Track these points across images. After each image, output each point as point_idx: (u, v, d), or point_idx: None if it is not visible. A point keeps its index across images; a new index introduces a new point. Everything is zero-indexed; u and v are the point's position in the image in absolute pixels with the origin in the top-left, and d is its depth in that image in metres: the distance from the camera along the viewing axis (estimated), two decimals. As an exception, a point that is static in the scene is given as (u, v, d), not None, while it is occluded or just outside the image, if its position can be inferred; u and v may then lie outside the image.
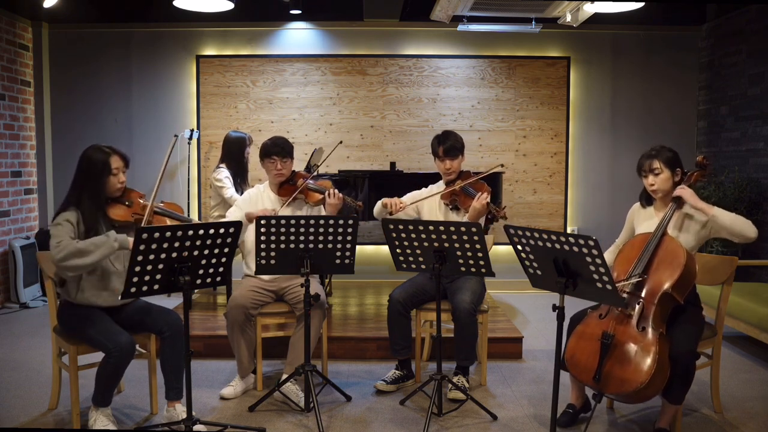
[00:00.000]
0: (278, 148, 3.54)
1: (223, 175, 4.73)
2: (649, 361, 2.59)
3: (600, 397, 2.72)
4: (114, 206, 3.01)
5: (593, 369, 2.71)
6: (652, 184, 2.97)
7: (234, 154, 4.84)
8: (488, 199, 3.34)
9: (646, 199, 3.10)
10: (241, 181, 4.86)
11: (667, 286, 2.72)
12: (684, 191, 2.88)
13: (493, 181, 5.08)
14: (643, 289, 2.77)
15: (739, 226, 2.77)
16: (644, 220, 3.06)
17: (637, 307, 2.74)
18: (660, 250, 2.81)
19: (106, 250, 2.82)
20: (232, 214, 3.56)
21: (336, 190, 3.51)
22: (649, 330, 2.67)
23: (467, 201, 3.45)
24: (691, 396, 3.47)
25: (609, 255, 3.10)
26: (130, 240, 2.86)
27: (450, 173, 3.59)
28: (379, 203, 3.61)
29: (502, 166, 4.26)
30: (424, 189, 3.75)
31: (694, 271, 2.79)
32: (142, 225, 2.93)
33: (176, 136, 3.34)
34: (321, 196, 3.53)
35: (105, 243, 2.83)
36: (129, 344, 2.85)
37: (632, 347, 2.66)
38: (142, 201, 3.08)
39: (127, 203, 3.04)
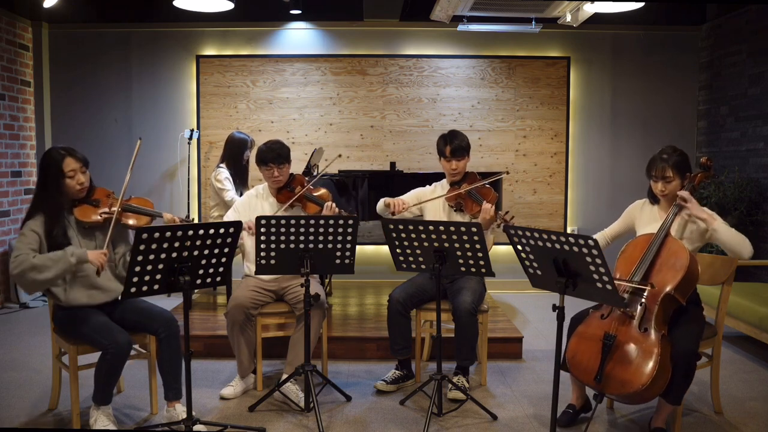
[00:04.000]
0: (274, 155, 3.50)
1: (224, 176, 4.73)
2: (651, 363, 2.59)
3: (601, 397, 2.71)
4: (81, 207, 2.98)
5: (595, 370, 2.70)
6: (663, 190, 2.96)
7: (234, 155, 4.85)
8: (494, 208, 3.35)
9: (653, 197, 3.08)
10: (240, 182, 4.86)
11: (669, 287, 2.71)
12: (689, 203, 2.86)
13: (494, 182, 5.07)
14: (646, 291, 2.76)
15: (735, 244, 2.79)
16: (648, 220, 3.06)
17: (639, 308, 2.73)
18: (663, 251, 2.81)
19: (63, 265, 2.80)
20: (229, 218, 3.56)
21: (333, 204, 3.50)
22: (652, 332, 2.67)
23: (473, 206, 3.44)
24: (691, 396, 3.47)
25: None
26: (89, 253, 2.85)
27: (455, 174, 3.59)
28: (381, 202, 3.60)
29: (507, 173, 4.23)
30: (427, 187, 3.74)
31: (696, 273, 2.79)
32: (112, 224, 2.91)
33: (141, 138, 3.23)
34: (318, 209, 3.53)
35: (61, 259, 2.80)
36: (125, 341, 2.85)
37: (634, 349, 2.65)
38: (109, 199, 3.04)
39: (93, 203, 3.00)
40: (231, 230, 2.72)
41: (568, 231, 6.16)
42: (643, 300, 2.74)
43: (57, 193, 2.91)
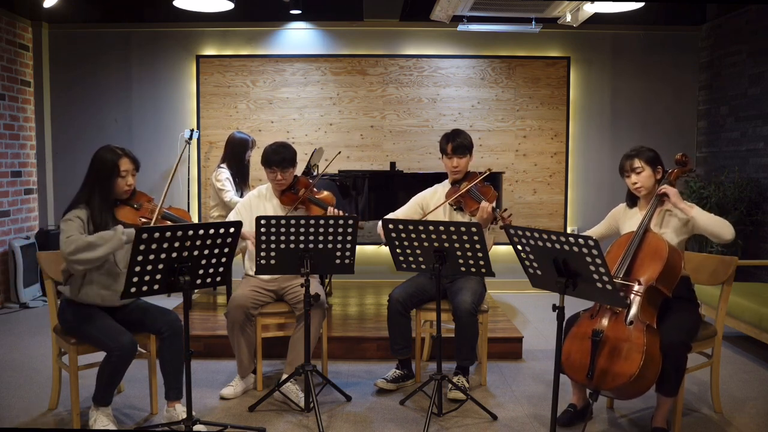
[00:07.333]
0: (279, 158, 3.48)
1: (224, 176, 4.73)
2: (637, 353, 2.63)
3: (596, 395, 2.75)
4: (122, 208, 3.01)
5: (586, 367, 2.74)
6: (635, 183, 3.03)
7: (236, 155, 4.85)
8: (493, 205, 3.35)
9: (631, 200, 3.16)
10: (240, 182, 4.86)
11: (651, 280, 2.77)
12: (669, 189, 2.94)
13: (494, 181, 5.08)
14: (630, 286, 2.81)
15: (716, 227, 2.85)
16: (629, 221, 3.12)
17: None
18: (644, 245, 2.88)
19: (114, 243, 2.83)
20: (231, 219, 3.56)
21: (335, 209, 3.50)
22: (638, 324, 2.71)
23: (472, 204, 3.44)
24: (691, 396, 3.47)
25: None
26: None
27: (457, 172, 3.59)
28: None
29: (504, 172, 4.21)
30: (428, 190, 3.74)
31: (678, 264, 2.84)
32: None
33: (185, 135, 3.28)
34: (322, 212, 3.52)
35: (113, 237, 2.83)
36: (131, 344, 2.85)
37: (621, 342, 2.70)
38: (150, 204, 3.07)
39: (135, 206, 3.03)
40: (231, 230, 2.72)
41: (568, 231, 6.16)
42: (629, 295, 2.79)
43: (108, 190, 2.95)
